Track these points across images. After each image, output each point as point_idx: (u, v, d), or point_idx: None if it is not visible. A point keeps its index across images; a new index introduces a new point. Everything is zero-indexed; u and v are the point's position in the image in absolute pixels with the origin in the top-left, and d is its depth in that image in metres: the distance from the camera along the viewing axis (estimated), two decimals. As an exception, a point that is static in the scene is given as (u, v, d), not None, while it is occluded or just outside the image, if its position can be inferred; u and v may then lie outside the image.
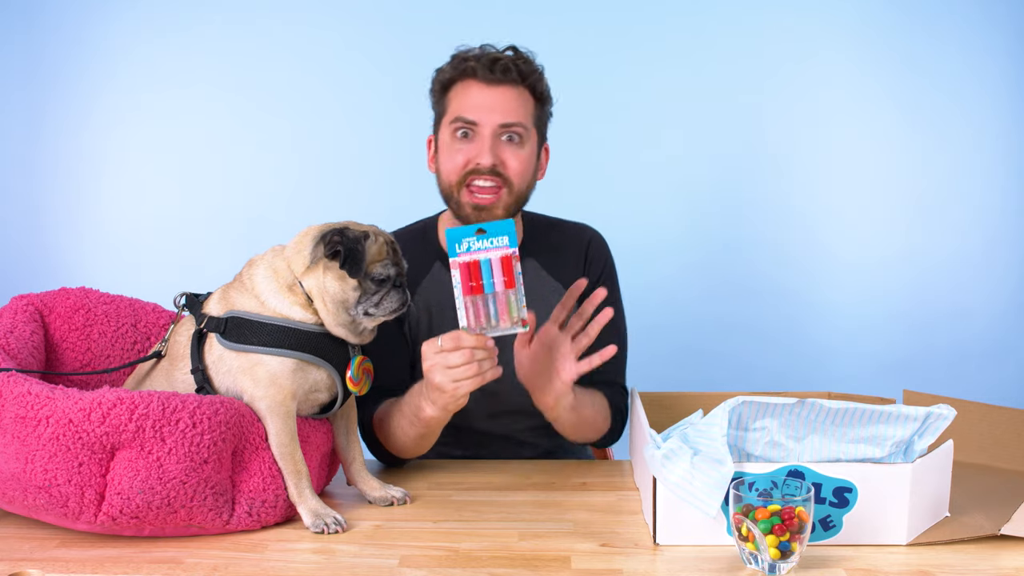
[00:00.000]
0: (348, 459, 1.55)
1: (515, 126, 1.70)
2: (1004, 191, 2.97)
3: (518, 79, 1.71)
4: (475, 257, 1.38)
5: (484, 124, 1.69)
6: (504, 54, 1.72)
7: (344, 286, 1.43)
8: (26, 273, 2.94)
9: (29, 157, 2.97)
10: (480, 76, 1.69)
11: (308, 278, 1.44)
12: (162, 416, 1.30)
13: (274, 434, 1.41)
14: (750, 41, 2.92)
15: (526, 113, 1.72)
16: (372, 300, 1.44)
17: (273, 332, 1.43)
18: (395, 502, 1.51)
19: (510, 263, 1.38)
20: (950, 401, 1.55)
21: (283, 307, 1.44)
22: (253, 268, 1.49)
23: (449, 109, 1.73)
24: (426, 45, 2.87)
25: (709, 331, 2.96)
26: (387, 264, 1.45)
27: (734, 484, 1.24)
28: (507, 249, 1.38)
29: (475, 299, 1.39)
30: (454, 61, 1.74)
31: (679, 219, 2.96)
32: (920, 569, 1.24)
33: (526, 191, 1.76)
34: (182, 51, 2.93)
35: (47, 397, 1.30)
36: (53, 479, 1.28)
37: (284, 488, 1.41)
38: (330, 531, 1.38)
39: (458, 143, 1.71)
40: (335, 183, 2.96)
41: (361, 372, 1.49)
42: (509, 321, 1.40)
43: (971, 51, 2.91)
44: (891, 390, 1.90)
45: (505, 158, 1.70)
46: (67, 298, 1.63)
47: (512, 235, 1.39)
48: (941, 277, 2.98)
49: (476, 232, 1.39)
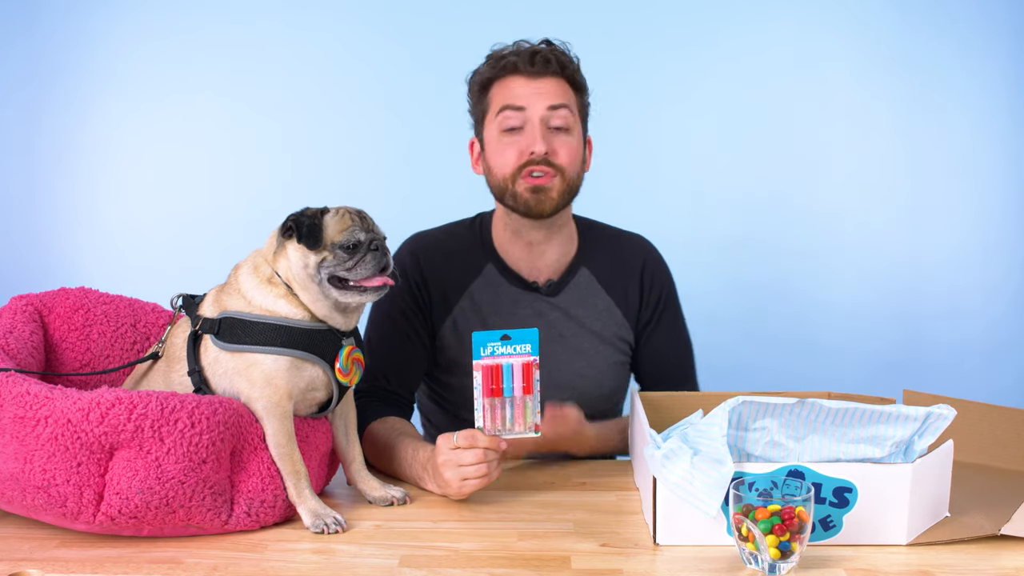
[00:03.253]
0: (348, 459, 1.55)
1: (562, 107, 1.72)
2: (1004, 191, 2.97)
3: (558, 70, 1.73)
4: (498, 361, 1.44)
5: (532, 108, 1.70)
6: (540, 47, 1.74)
7: (307, 260, 1.42)
8: (26, 273, 2.93)
9: (28, 157, 2.96)
10: (522, 70, 1.71)
11: (279, 265, 1.45)
12: (161, 416, 1.30)
13: (271, 435, 1.41)
14: (750, 41, 2.92)
15: (570, 98, 1.75)
16: (344, 267, 1.42)
17: (265, 330, 1.42)
18: (395, 502, 1.50)
19: (530, 370, 1.43)
20: (950, 401, 1.55)
21: (268, 302, 1.44)
22: (238, 270, 1.50)
23: (493, 104, 1.75)
24: (426, 49, 2.90)
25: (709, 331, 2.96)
26: (354, 230, 1.43)
27: (734, 484, 1.24)
28: (529, 357, 1.44)
29: (494, 401, 1.44)
30: (491, 60, 1.76)
31: (679, 219, 2.95)
32: (920, 569, 1.24)
33: (577, 181, 1.77)
34: (182, 52, 2.93)
35: (46, 397, 1.30)
36: (52, 479, 1.28)
37: (283, 488, 1.41)
38: (330, 531, 1.38)
39: (507, 137, 1.72)
40: (335, 184, 2.95)
41: (350, 362, 1.47)
42: (523, 425, 1.44)
43: (970, 52, 2.91)
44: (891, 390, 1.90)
45: (556, 147, 1.72)
46: (66, 298, 1.63)
47: (535, 344, 1.44)
48: (941, 277, 2.98)
49: (501, 338, 1.44)
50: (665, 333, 1.88)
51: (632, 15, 2.91)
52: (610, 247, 1.89)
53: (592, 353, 1.82)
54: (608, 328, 1.84)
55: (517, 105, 1.70)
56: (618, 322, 1.85)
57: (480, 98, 1.77)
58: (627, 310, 1.85)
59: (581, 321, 1.82)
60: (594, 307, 1.83)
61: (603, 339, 1.83)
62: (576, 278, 1.83)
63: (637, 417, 1.55)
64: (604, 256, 1.87)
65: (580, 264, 1.84)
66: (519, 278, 1.82)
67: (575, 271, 1.84)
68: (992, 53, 2.91)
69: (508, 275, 1.82)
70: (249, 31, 2.93)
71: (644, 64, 2.92)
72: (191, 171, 2.97)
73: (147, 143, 2.95)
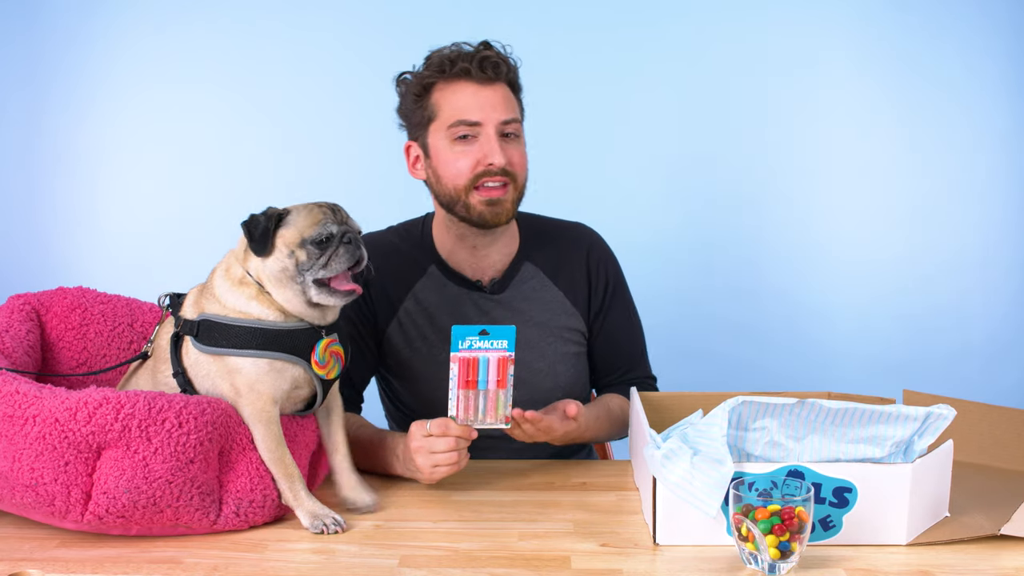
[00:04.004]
0: (331, 450, 1.53)
1: (512, 122, 1.72)
2: (1004, 192, 2.97)
3: (504, 75, 1.71)
4: (475, 355, 1.47)
5: (487, 123, 1.69)
6: (487, 51, 1.71)
7: (278, 257, 1.41)
8: (24, 273, 2.93)
9: (27, 156, 2.96)
10: (474, 76, 1.68)
11: (248, 264, 1.44)
12: (148, 416, 1.30)
13: (259, 440, 1.40)
14: (750, 42, 2.92)
15: (516, 109, 1.75)
16: (319, 263, 1.40)
17: (241, 333, 1.41)
18: (361, 509, 1.47)
19: (505, 365, 1.48)
20: (950, 401, 1.55)
21: (240, 303, 1.42)
22: (214, 272, 1.49)
23: (441, 112, 1.71)
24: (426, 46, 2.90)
25: (709, 331, 2.96)
26: (325, 224, 1.41)
27: (734, 484, 1.24)
28: (505, 352, 1.47)
29: (468, 393, 1.48)
30: (436, 62, 1.71)
31: (678, 220, 2.96)
32: (920, 569, 1.24)
33: (525, 185, 1.77)
34: (181, 51, 2.93)
35: (34, 396, 1.30)
36: (39, 478, 1.28)
37: (272, 488, 1.40)
38: (329, 531, 1.37)
39: (460, 146, 1.70)
40: (333, 183, 2.94)
41: (328, 355, 1.46)
42: (495, 417, 1.50)
43: (971, 51, 2.91)
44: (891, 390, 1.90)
45: (510, 156, 1.71)
46: (64, 297, 1.63)
47: (512, 340, 1.47)
48: (941, 277, 2.98)
49: (480, 332, 1.47)
50: (617, 317, 1.89)
51: (631, 15, 2.91)
52: (552, 238, 1.89)
53: (542, 345, 1.82)
54: (557, 319, 1.84)
55: (471, 120, 1.68)
56: (568, 312, 1.85)
57: (420, 101, 1.73)
58: (576, 299, 1.86)
59: (527, 316, 1.82)
60: (540, 300, 1.83)
61: (551, 331, 1.83)
62: (520, 274, 1.84)
63: (637, 417, 1.55)
64: (547, 248, 1.87)
65: (523, 259, 1.84)
66: (463, 278, 1.82)
67: (518, 267, 1.84)
68: (992, 52, 2.91)
69: (451, 276, 1.82)
70: (249, 31, 2.93)
71: (644, 63, 2.92)
72: (190, 170, 2.97)
73: (146, 143, 2.95)
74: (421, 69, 1.74)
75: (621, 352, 1.90)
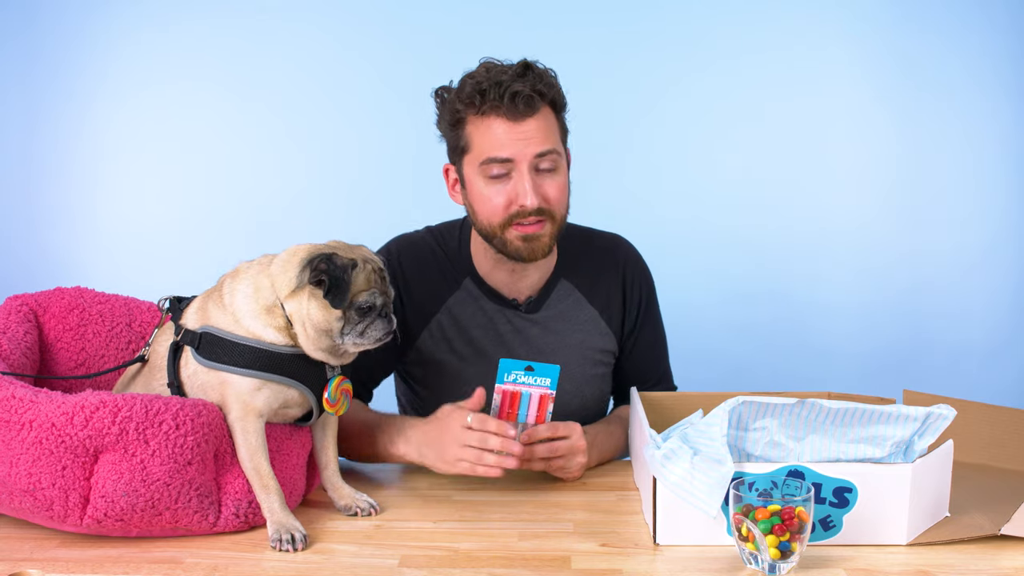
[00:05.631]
0: (323, 464, 1.52)
1: (549, 154, 1.62)
2: (1003, 192, 2.97)
3: (540, 104, 1.61)
4: (518, 389, 1.52)
5: (520, 159, 1.60)
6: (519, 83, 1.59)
7: (328, 315, 1.38)
8: (23, 273, 2.93)
9: (26, 156, 2.96)
10: (505, 113, 1.59)
11: (291, 302, 1.39)
12: (145, 418, 1.29)
13: (237, 448, 1.38)
14: (750, 42, 2.92)
15: (555, 136, 1.64)
16: (356, 329, 1.39)
17: (245, 353, 1.39)
18: (359, 513, 1.46)
19: (546, 403, 1.53)
20: (950, 401, 1.55)
21: (257, 328, 1.40)
22: (236, 281, 1.44)
23: (473, 147, 1.63)
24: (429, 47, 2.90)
25: (709, 331, 2.96)
26: (374, 293, 1.40)
27: (734, 484, 1.24)
28: (547, 390, 1.52)
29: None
30: (467, 93, 1.61)
31: (678, 220, 2.96)
32: (920, 569, 1.24)
33: (566, 216, 1.71)
34: (181, 51, 2.92)
35: (30, 401, 1.29)
36: (37, 483, 1.28)
37: None
38: (282, 548, 1.32)
39: (494, 184, 1.63)
40: (336, 184, 2.96)
41: (339, 393, 1.45)
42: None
43: (969, 53, 2.91)
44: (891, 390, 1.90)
45: (545, 191, 1.63)
46: (62, 298, 1.62)
47: (555, 379, 1.52)
48: (941, 277, 2.98)
49: (525, 368, 1.52)
50: (647, 335, 1.87)
51: (630, 14, 2.91)
52: (588, 254, 1.85)
53: (572, 367, 1.79)
54: (590, 339, 1.81)
55: (502, 158, 1.60)
56: (602, 331, 1.82)
57: (455, 130, 1.66)
58: (610, 318, 1.83)
59: (561, 336, 1.79)
60: (575, 319, 1.80)
61: (583, 354, 1.81)
62: (556, 292, 1.80)
63: (637, 417, 1.55)
64: (583, 264, 1.83)
65: (560, 277, 1.81)
66: (499, 295, 1.78)
67: (554, 284, 1.80)
68: (992, 53, 2.91)
69: (487, 292, 1.78)
70: (249, 31, 2.92)
71: (644, 64, 2.92)
72: (189, 170, 2.96)
73: (145, 142, 2.95)
74: (454, 94, 1.64)
75: (649, 370, 1.88)
